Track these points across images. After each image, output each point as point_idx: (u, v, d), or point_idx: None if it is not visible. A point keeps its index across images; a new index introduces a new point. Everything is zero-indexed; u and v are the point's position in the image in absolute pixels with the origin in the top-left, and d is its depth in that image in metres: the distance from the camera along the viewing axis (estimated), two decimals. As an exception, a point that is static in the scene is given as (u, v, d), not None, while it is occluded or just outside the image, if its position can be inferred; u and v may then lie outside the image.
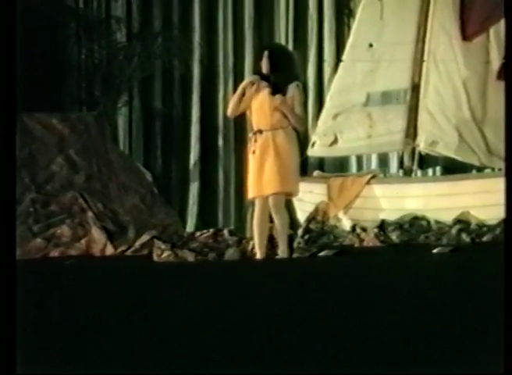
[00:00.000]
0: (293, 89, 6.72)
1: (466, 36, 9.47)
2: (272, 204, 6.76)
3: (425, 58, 9.55)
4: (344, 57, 9.94)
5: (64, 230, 8.82)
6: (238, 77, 11.07)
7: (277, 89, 6.71)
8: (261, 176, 6.75)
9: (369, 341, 3.13)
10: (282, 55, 6.95)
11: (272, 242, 7.06)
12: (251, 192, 6.86)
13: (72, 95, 10.70)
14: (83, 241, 8.74)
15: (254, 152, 6.75)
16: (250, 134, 6.85)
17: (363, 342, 3.12)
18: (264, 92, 6.73)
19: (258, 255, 6.87)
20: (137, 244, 8.56)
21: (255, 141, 6.76)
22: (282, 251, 6.84)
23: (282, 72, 6.74)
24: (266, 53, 6.74)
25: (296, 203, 9.70)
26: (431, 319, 3.58)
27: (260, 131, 6.74)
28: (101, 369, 2.84)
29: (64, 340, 3.30)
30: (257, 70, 6.92)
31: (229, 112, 6.95)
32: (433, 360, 2.77)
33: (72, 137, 9.43)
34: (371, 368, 2.73)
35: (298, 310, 3.97)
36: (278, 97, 6.69)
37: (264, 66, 6.75)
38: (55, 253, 8.62)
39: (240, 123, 11.17)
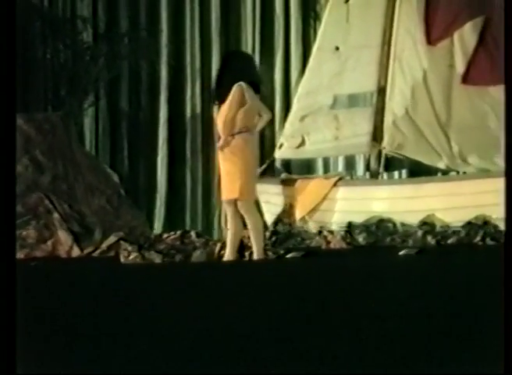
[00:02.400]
0: (233, 92, 6.76)
1: (430, 40, 9.56)
2: (239, 207, 6.84)
3: (391, 61, 9.62)
4: (311, 60, 9.98)
5: (29, 232, 8.75)
6: (205, 79, 11.08)
7: (214, 98, 6.89)
8: (221, 180, 6.95)
9: (336, 343, 3.15)
10: (224, 61, 7.11)
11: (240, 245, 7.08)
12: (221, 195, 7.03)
13: (38, 95, 10.63)
14: (49, 243, 8.68)
15: (219, 158, 6.92)
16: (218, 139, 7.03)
17: (330, 344, 3.14)
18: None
19: (228, 257, 6.90)
20: (104, 245, 8.52)
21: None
22: (256, 254, 6.86)
23: (222, 79, 6.87)
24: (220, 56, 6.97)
25: (264, 205, 9.72)
26: (397, 319, 3.61)
27: (219, 137, 6.93)
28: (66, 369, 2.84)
29: (26, 342, 3.29)
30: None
31: None
32: (397, 360, 2.80)
33: (38, 138, 9.36)
34: (336, 371, 2.75)
35: (265, 311, 3.98)
36: (218, 105, 6.86)
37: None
38: (20, 255, 8.54)
39: (208, 125, 11.18)
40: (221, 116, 6.79)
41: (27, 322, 3.68)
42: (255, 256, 6.83)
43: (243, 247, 7.08)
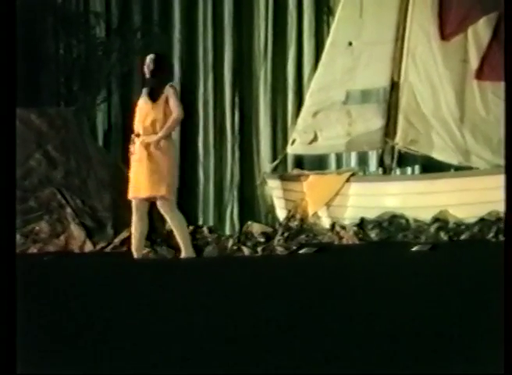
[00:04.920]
0: (166, 90, 6.96)
1: (444, 35, 9.52)
2: (159, 207, 6.94)
3: (404, 57, 9.60)
4: (323, 55, 9.97)
5: (42, 226, 8.78)
6: (217, 73, 11.08)
7: (153, 94, 7.01)
8: (138, 178, 6.94)
9: (348, 339, 3.15)
10: (162, 60, 7.22)
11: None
12: (130, 193, 7.04)
13: (51, 90, 10.64)
14: (61, 238, 8.71)
15: (132, 154, 6.99)
16: (132, 136, 7.04)
17: (342, 339, 3.13)
18: (143, 97, 7.07)
19: (135, 255, 6.95)
20: (116, 240, 8.53)
21: (134, 143, 7.02)
22: (185, 252, 6.90)
23: (159, 76, 7.05)
24: (150, 58, 6.99)
25: (276, 201, 9.73)
26: (410, 315, 3.60)
27: (138, 135, 7.02)
28: (75, 365, 2.84)
29: (40, 335, 3.29)
30: (141, 75, 7.22)
31: None
32: (408, 355, 2.79)
33: (51, 133, 9.38)
34: (347, 366, 2.74)
35: (277, 307, 3.98)
36: (149, 102, 6.99)
37: (147, 70, 7.09)
38: (33, 249, 8.58)
39: (220, 120, 11.19)
40: (152, 113, 6.93)
41: (39, 317, 3.69)
42: (183, 255, 6.88)
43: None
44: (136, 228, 6.94)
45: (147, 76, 7.10)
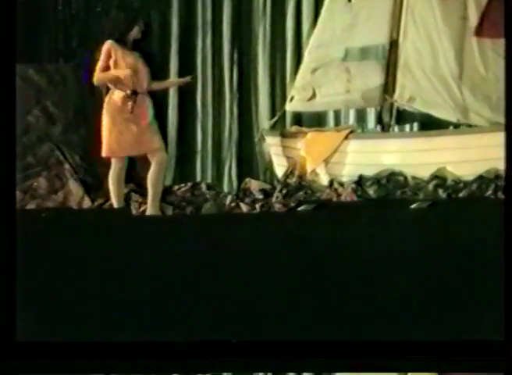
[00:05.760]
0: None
1: (444, -9, 9.48)
2: (153, 158, 7.02)
3: (403, 13, 9.55)
4: (323, 12, 9.91)
5: (41, 182, 8.80)
6: (216, 30, 11.01)
7: (146, 59, 7.24)
8: (126, 136, 7.03)
9: (347, 295, 3.17)
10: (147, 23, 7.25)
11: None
12: (112, 151, 7.08)
13: (50, 46, 10.59)
14: (60, 194, 8.74)
15: (131, 112, 6.91)
16: (127, 93, 6.91)
17: (341, 296, 3.15)
18: (137, 59, 7.22)
19: (117, 205, 7.13)
20: (115, 197, 8.55)
21: (131, 100, 7.15)
22: (152, 210, 7.06)
23: (148, 40, 7.05)
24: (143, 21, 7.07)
25: (274, 157, 9.74)
26: (409, 272, 3.62)
27: (135, 92, 7.04)
28: (75, 321, 2.86)
29: (41, 292, 3.31)
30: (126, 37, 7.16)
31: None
32: (407, 312, 2.81)
33: (49, 89, 9.37)
34: (346, 323, 2.76)
35: (276, 263, 4.01)
36: (146, 68, 7.25)
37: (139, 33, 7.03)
38: (31, 205, 8.61)
39: (218, 77, 11.14)
40: (148, 77, 7.18)
41: (37, 273, 3.71)
42: (148, 212, 6.95)
43: None
44: (120, 182, 6.97)
45: (139, 36, 7.07)
